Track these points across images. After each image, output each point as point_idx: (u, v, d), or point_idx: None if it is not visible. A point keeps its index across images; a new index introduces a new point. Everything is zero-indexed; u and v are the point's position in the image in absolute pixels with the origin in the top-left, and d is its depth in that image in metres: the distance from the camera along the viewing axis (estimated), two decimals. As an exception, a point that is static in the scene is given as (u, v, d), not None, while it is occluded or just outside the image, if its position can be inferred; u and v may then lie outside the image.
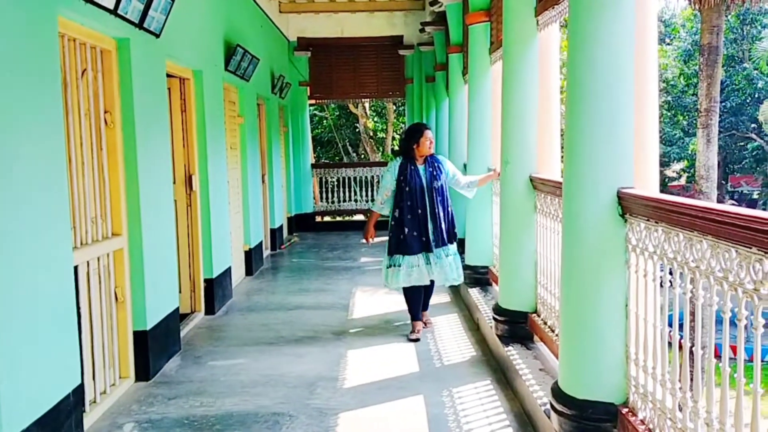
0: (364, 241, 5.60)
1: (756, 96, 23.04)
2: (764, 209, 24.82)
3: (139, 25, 4.17)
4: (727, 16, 21.94)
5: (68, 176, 3.46)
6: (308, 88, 12.36)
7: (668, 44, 26.59)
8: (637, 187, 2.87)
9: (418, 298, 5.29)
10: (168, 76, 5.11)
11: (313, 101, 13.25)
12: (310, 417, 3.73)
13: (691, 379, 2.40)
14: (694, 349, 2.38)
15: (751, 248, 1.91)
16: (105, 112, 4.06)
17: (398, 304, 5.85)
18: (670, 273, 2.48)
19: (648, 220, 2.59)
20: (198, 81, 5.83)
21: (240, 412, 3.82)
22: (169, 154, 5.08)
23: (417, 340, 5.12)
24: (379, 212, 5.41)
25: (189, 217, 5.81)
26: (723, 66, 21.79)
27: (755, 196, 27.98)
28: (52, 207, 3.19)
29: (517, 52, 4.52)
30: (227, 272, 6.62)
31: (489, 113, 6.27)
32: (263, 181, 9.33)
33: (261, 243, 8.69)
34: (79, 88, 3.73)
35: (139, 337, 4.33)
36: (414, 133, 5.23)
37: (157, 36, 4.50)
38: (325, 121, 23.22)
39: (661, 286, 2.59)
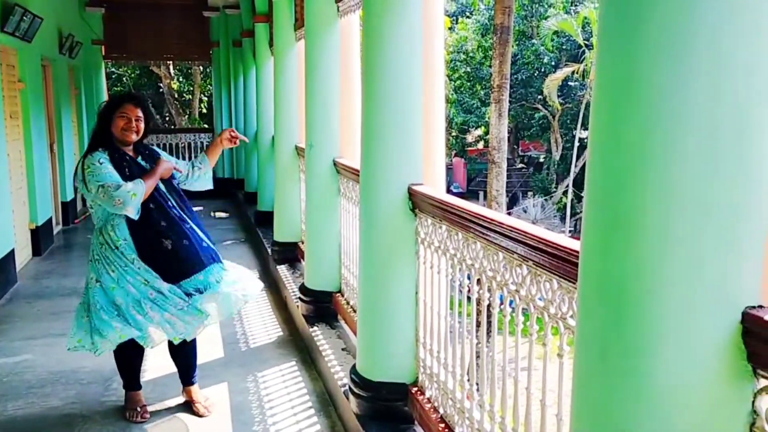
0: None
1: (542, 70, 25.25)
2: (548, 172, 27.58)
3: None
4: (519, -5, 23.73)
5: None
6: (103, 47, 11.43)
7: (468, 17, 28.17)
8: (427, 184, 3.08)
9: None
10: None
11: (108, 61, 12.31)
12: (106, 416, 3.57)
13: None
14: (469, 339, 2.63)
15: (513, 254, 2.15)
16: None
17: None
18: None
19: (434, 217, 2.80)
20: (-35, 44, 5.15)
21: (26, 417, 3.55)
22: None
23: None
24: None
25: (-41, 198, 5.18)
26: (515, 41, 23.60)
27: (541, 160, 30.94)
28: None
29: (319, 34, 4.56)
30: (9, 256, 6.03)
31: (296, 90, 6.26)
32: (52, 151, 8.54)
33: (50, 219, 8.00)
34: None
35: None
36: None
37: None
38: (124, 79, 21.65)
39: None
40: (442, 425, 2.75)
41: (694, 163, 1.17)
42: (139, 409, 3.55)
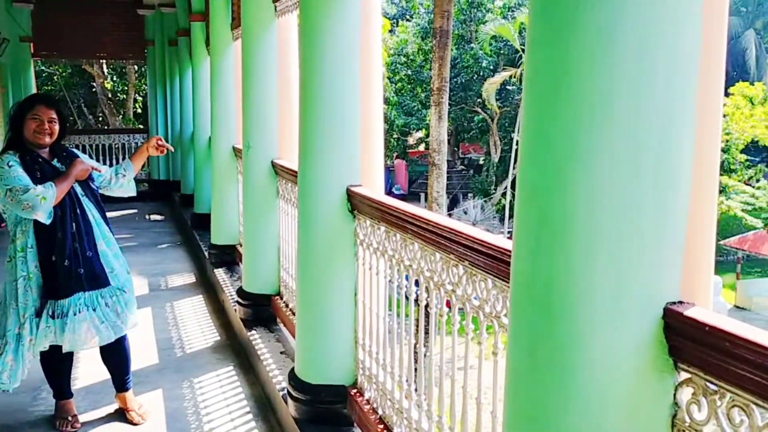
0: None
1: (481, 74, 25.69)
2: (487, 174, 28.05)
3: None
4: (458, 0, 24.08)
5: None
6: (32, 44, 10.99)
7: (409, 20, 28.42)
8: (366, 185, 3.08)
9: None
10: None
11: (38, 59, 11.88)
12: (34, 427, 3.43)
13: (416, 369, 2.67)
14: (407, 339, 2.64)
15: (450, 254, 2.17)
16: None
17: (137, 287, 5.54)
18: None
19: (372, 219, 2.81)
20: None
21: (-55, 432, 3.38)
22: None
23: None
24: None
25: None
26: (454, 45, 23.93)
27: (481, 162, 31.46)
28: None
29: (256, 34, 4.51)
30: (-71, 262, 5.72)
31: (233, 90, 6.17)
32: (-25, 152, 8.15)
33: (-26, 223, 7.64)
34: None
35: None
36: None
37: None
38: (55, 78, 20.90)
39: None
40: (381, 426, 2.75)
41: (619, 165, 1.21)
42: (69, 418, 3.43)
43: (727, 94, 21.40)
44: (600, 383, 1.24)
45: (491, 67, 25.53)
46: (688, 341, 1.21)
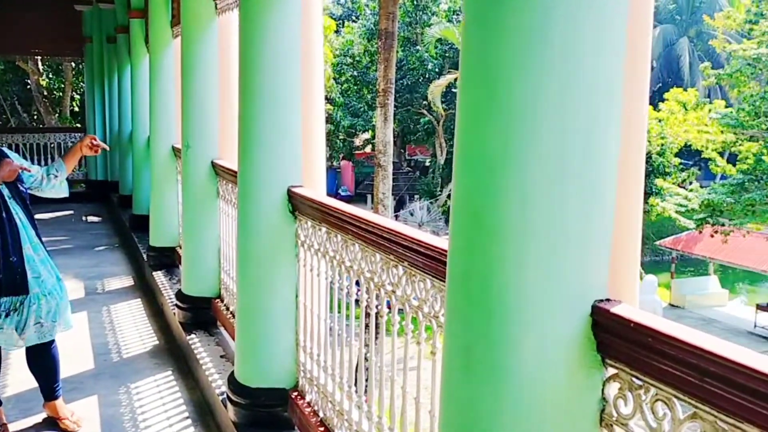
0: None
1: (427, 76, 25.88)
2: (433, 176, 28.28)
3: None
4: (403, 2, 24.21)
5: None
6: (-40, 39, 10.55)
7: (355, 21, 28.42)
8: (307, 186, 3.06)
9: None
10: None
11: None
12: (-42, 439, 3.28)
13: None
14: (348, 340, 2.63)
15: (390, 255, 2.17)
16: None
17: (72, 291, 5.37)
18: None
19: (314, 220, 2.79)
20: None
21: None
22: None
23: None
24: None
25: None
26: (400, 47, 24.05)
27: (427, 164, 31.70)
28: None
29: (196, 31, 4.43)
30: None
31: (173, 89, 6.04)
32: None
33: None
34: None
35: None
36: None
37: None
38: (-14, 74, 20.09)
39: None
40: (322, 429, 2.73)
41: (547, 167, 1.23)
42: None
43: (662, 100, 22.18)
44: (531, 379, 1.26)
45: (437, 70, 25.74)
46: (614, 337, 1.24)
